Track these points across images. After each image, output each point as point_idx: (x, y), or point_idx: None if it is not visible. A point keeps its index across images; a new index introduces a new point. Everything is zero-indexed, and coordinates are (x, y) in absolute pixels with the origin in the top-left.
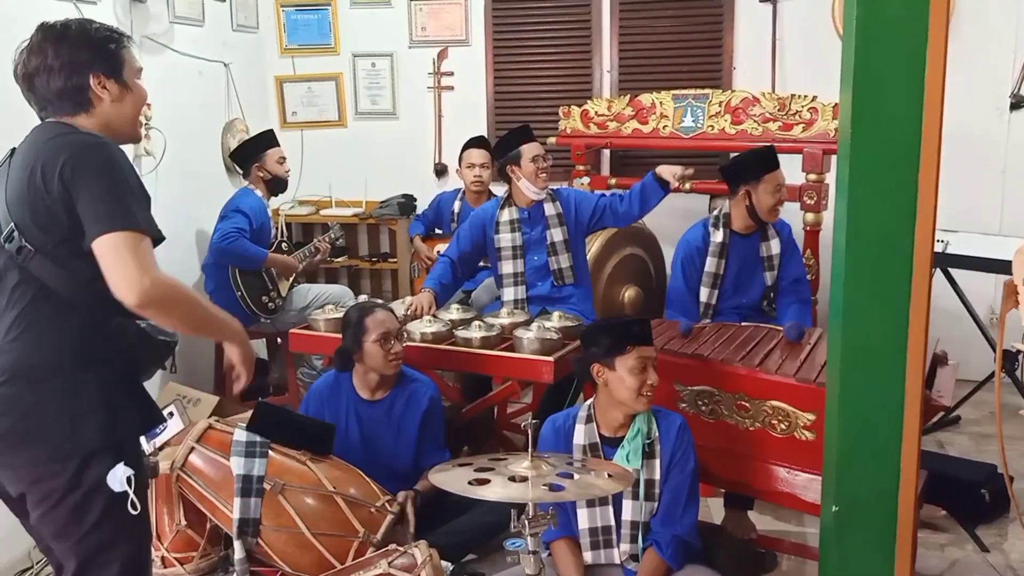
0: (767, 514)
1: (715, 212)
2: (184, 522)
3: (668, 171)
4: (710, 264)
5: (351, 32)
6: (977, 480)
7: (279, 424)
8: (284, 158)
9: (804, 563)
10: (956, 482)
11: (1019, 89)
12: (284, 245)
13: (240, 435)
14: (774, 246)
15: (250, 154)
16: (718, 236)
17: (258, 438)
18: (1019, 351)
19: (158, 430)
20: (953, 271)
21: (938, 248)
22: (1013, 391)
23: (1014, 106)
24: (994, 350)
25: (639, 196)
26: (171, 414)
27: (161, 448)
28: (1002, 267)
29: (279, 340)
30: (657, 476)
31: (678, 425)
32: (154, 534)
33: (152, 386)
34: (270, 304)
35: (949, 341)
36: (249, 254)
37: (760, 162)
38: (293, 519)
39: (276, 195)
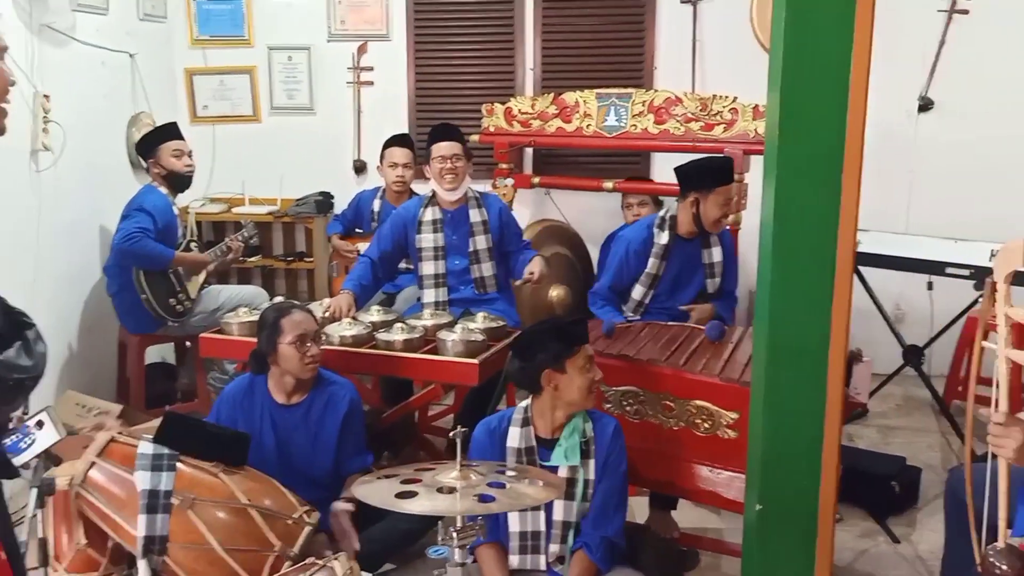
0: (689, 512)
1: (662, 213)
2: (84, 541)
3: (536, 265)
4: (651, 265)
5: (266, 24)
6: (888, 473)
7: (189, 434)
8: (181, 152)
9: (720, 558)
10: (867, 475)
11: (927, 92)
12: (193, 245)
13: (145, 447)
14: (716, 253)
15: (145, 149)
16: (663, 238)
17: (165, 450)
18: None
19: (21, 445)
20: (863, 269)
21: None
22: (919, 384)
23: (922, 108)
24: (902, 346)
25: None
26: (40, 423)
27: (57, 463)
28: (909, 264)
29: (188, 344)
30: (592, 476)
31: (613, 428)
32: (52, 554)
33: (48, 394)
34: (178, 307)
35: (859, 338)
36: (154, 254)
37: (715, 173)
38: (203, 535)
39: (179, 192)
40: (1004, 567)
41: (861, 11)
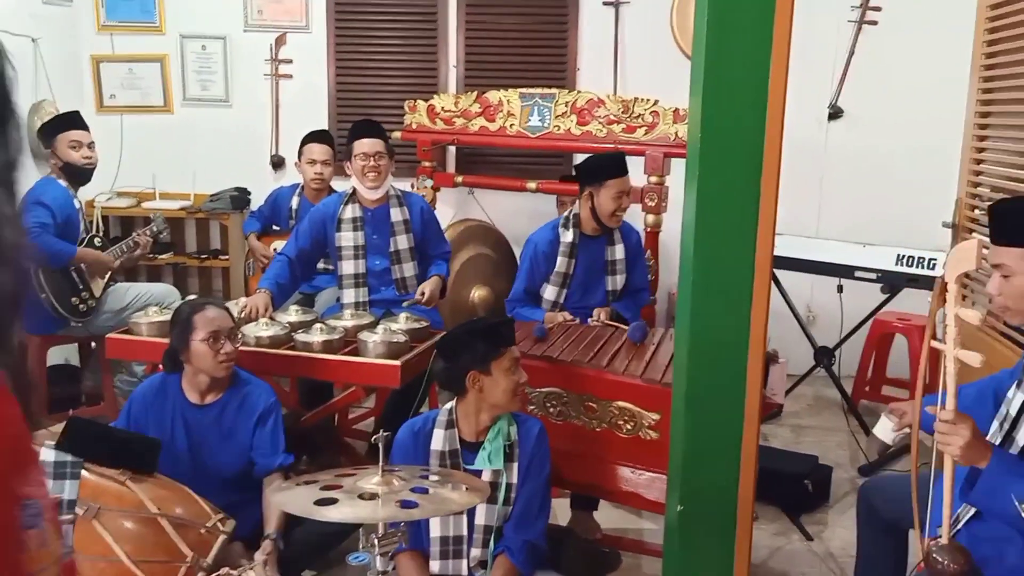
0: (608, 511)
1: (566, 213)
2: None
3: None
4: (560, 264)
5: (179, 11)
6: (801, 472)
7: (94, 440)
8: (79, 143)
9: (640, 559)
10: (781, 474)
11: (836, 100)
12: (97, 240)
13: (48, 454)
14: (618, 251)
15: (41, 139)
16: (568, 236)
17: (69, 457)
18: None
19: None
20: (777, 272)
21: None
22: (829, 384)
23: (831, 116)
24: (813, 347)
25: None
26: None
27: None
28: (818, 268)
29: (93, 344)
30: (515, 480)
31: (537, 430)
32: None
33: None
34: (81, 306)
35: (772, 339)
36: (53, 250)
37: (605, 166)
38: (110, 546)
39: (79, 185)
40: (947, 562)
41: (779, 21)
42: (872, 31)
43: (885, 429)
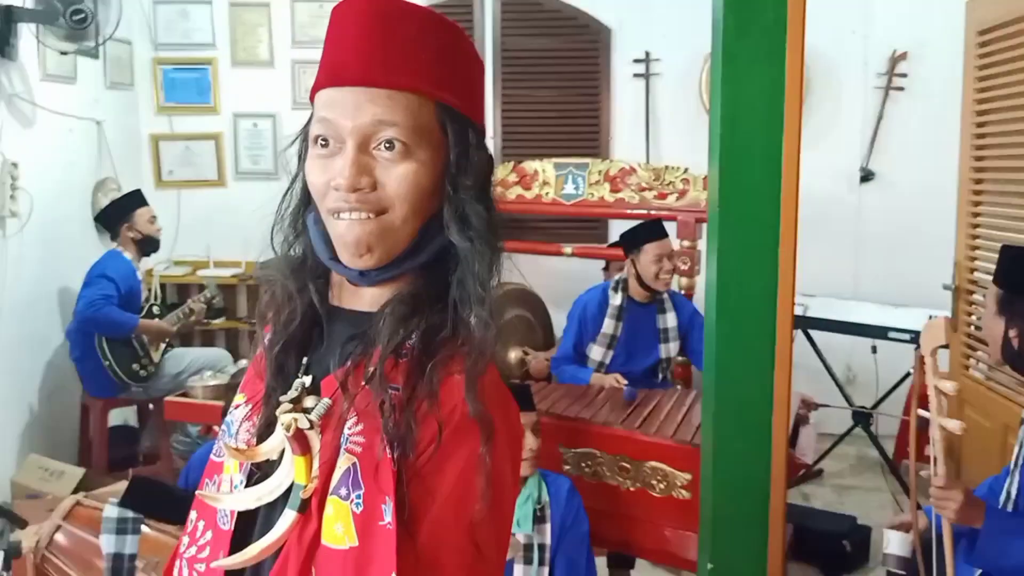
0: (648, 573)
1: (616, 277)
2: None
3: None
4: (607, 326)
5: (232, 92)
6: (839, 531)
7: (154, 497)
8: (155, 217)
9: None
10: (819, 534)
11: (867, 163)
12: (156, 308)
13: (111, 511)
14: (670, 319)
15: (118, 215)
16: (616, 299)
17: (131, 514)
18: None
19: None
20: (812, 332)
21: (798, 311)
22: (870, 445)
23: (863, 179)
24: (851, 407)
25: None
26: None
27: (23, 526)
28: (855, 329)
29: (151, 406)
30: (548, 540)
31: (567, 488)
32: None
33: (11, 459)
34: (142, 372)
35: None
36: (117, 322)
37: (643, 232)
38: None
39: (148, 255)
40: None
41: (790, 89)
42: (899, 96)
43: (900, 543)
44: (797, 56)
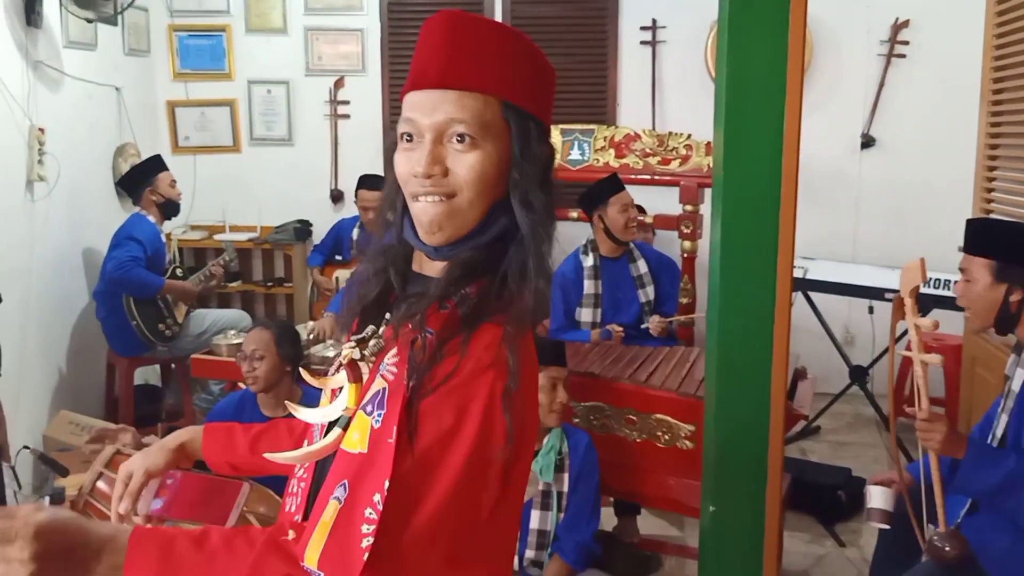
0: (653, 519)
1: (584, 241)
2: None
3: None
4: (587, 286)
5: (246, 58)
6: (835, 483)
7: None
8: (175, 181)
9: (684, 562)
10: (816, 485)
11: (868, 130)
12: (179, 271)
13: None
14: (641, 266)
15: (141, 179)
16: (588, 260)
17: None
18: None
19: None
20: (812, 295)
21: (798, 274)
22: (865, 403)
23: (864, 145)
24: (848, 366)
25: None
26: None
27: (65, 474)
28: (855, 291)
29: (173, 366)
30: (565, 488)
31: (586, 443)
32: None
33: (42, 414)
34: (167, 331)
35: (809, 358)
36: (145, 282)
37: (604, 188)
38: None
39: (169, 219)
40: (947, 548)
41: (793, 57)
42: (901, 63)
43: (882, 498)
44: (799, 26)
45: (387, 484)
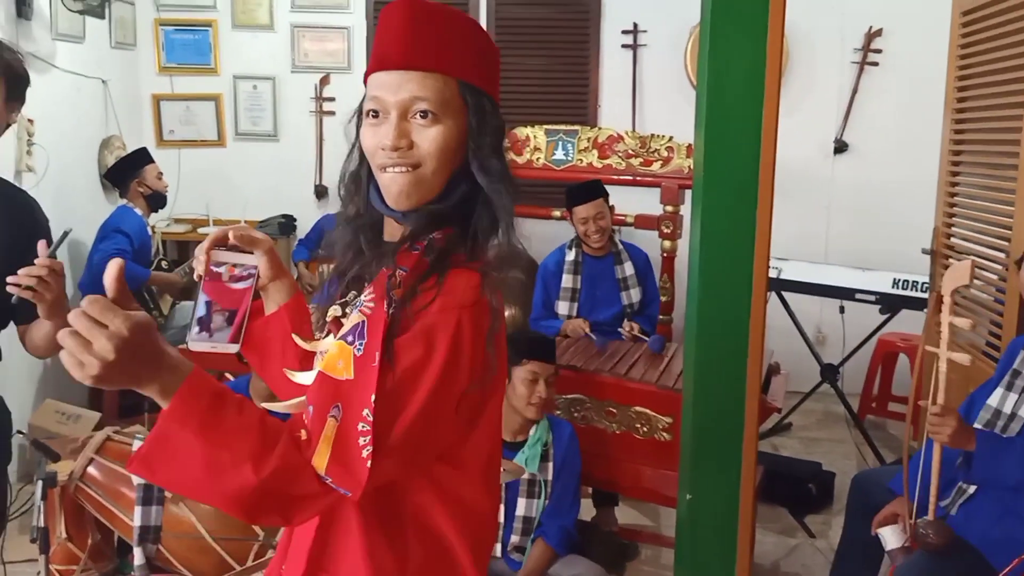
0: (629, 510)
1: (572, 236)
2: (64, 535)
3: None
4: (566, 280)
5: (232, 54)
6: (805, 476)
7: None
8: (162, 173)
9: (660, 551)
10: (788, 478)
11: (841, 135)
12: (164, 263)
13: (139, 445)
14: (628, 268)
15: (128, 171)
16: (571, 256)
17: None
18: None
19: None
20: (786, 294)
21: (772, 274)
22: (836, 401)
23: (837, 150)
24: (820, 364)
25: None
26: None
27: (56, 459)
28: (823, 290)
29: None
30: (550, 477)
31: (569, 432)
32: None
33: (27, 403)
34: None
35: (782, 357)
36: (132, 275)
37: (570, 195)
38: (194, 525)
39: (156, 211)
40: (931, 536)
41: (770, 67)
42: (873, 71)
43: (895, 537)
44: (777, 33)
45: (373, 398)
